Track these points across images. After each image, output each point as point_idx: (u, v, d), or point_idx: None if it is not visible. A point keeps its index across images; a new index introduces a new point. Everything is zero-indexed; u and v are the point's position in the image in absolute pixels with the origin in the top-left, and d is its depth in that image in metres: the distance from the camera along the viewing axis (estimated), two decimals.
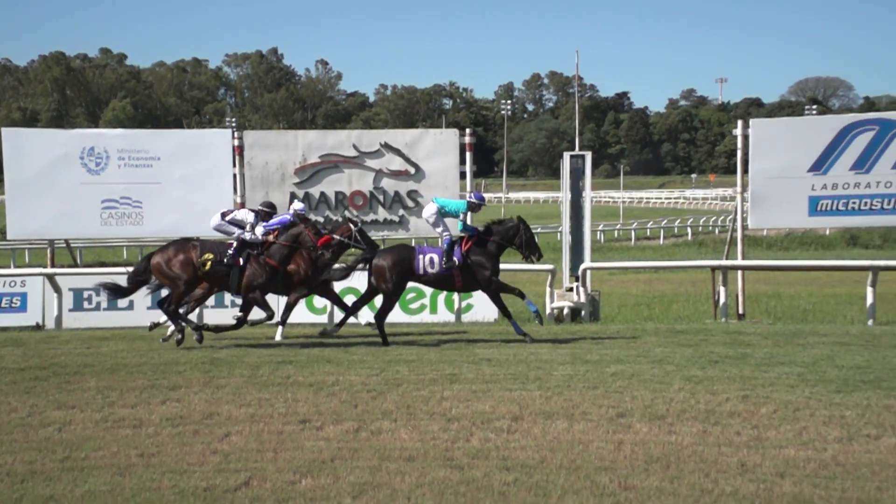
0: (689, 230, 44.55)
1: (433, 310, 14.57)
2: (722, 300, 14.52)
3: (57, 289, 14.40)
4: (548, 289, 14.67)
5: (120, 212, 15.26)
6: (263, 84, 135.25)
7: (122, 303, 14.31)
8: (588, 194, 15.33)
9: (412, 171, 15.34)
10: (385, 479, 5.79)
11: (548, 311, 14.55)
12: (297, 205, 13.04)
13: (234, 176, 15.33)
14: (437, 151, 15.41)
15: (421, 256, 11.94)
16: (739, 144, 15.12)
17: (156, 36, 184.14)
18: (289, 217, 12.33)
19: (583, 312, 14.48)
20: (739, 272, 15.01)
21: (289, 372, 9.46)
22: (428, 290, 14.48)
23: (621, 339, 11.67)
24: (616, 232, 44.14)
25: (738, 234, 15.41)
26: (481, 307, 14.36)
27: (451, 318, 14.41)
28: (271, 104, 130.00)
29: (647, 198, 79.55)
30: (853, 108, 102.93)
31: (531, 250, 12.20)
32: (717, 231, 44.68)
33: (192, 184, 15.13)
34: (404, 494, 5.50)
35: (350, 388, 8.54)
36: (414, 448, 6.48)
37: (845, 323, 14.15)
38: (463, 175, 15.54)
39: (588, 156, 15.76)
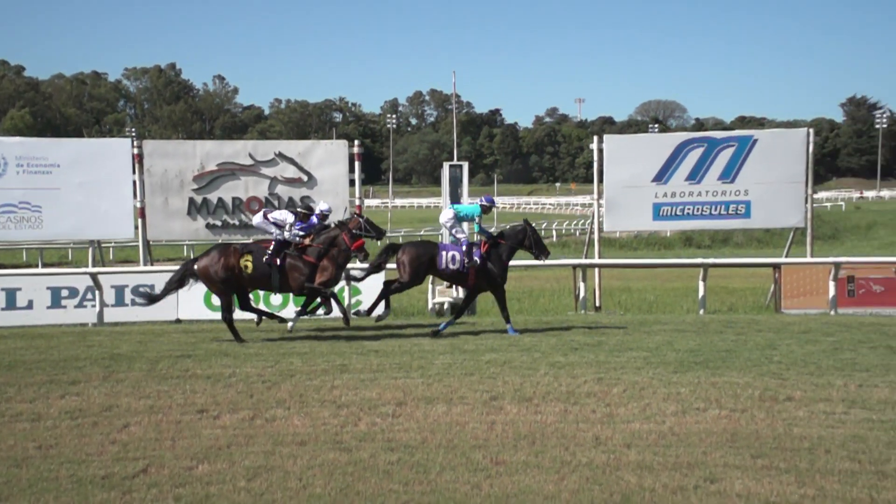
0: (554, 232, 45.45)
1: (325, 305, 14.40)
2: (581, 294, 14.85)
3: None
4: (430, 286, 14.72)
5: (19, 216, 14.54)
6: (162, 97, 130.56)
7: (21, 302, 13.65)
8: (465, 200, 15.46)
9: (305, 178, 15.15)
10: (278, 462, 5.72)
11: (430, 305, 14.62)
12: (323, 205, 12.72)
13: (134, 182, 14.84)
14: (329, 161, 15.28)
15: (444, 253, 11.80)
16: (595, 157, 15.40)
17: (54, 50, 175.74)
18: (314, 219, 12.06)
19: (446, 307, 14.58)
20: (596, 270, 15.38)
21: (187, 365, 9.20)
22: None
23: (495, 331, 11.80)
24: None
25: (596, 236, 15.80)
26: (368, 301, 14.28)
27: (341, 312, 14.28)
28: (170, 115, 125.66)
29: (517, 203, 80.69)
30: (686, 128, 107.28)
31: (539, 250, 12.17)
32: (577, 233, 45.72)
33: (92, 189, 14.61)
34: (296, 476, 5.44)
35: (246, 380, 8.37)
36: (306, 433, 6.41)
37: (682, 313, 14.66)
38: (352, 182, 15.45)
39: (465, 166, 15.89)
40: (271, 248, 11.45)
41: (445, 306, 14.53)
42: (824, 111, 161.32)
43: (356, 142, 15.90)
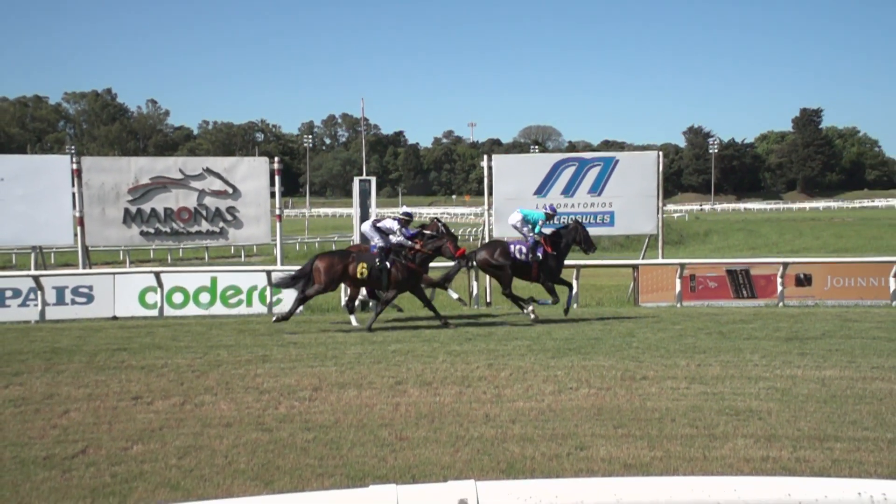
0: None
1: (248, 303, 14.12)
2: (475, 291, 14.97)
3: None
4: (342, 286, 14.56)
5: None
6: (100, 118, 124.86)
7: None
8: (374, 210, 15.39)
9: (230, 191, 14.80)
10: (206, 442, 5.56)
11: (343, 302, 14.46)
12: (404, 208, 12.37)
13: (73, 194, 14.26)
14: (252, 175, 14.97)
15: (512, 246, 11.96)
16: (485, 174, 15.54)
17: None
18: (398, 226, 11.71)
19: (370, 303, 14.50)
20: None
21: (123, 357, 8.84)
22: (245, 287, 14.03)
23: (400, 324, 11.80)
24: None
25: (487, 241, 15.98)
26: (288, 300, 14.05)
27: (264, 310, 14.02)
28: (107, 135, 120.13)
29: (419, 213, 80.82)
30: (561, 149, 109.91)
31: (588, 245, 12.31)
32: (471, 239, 46.14)
33: (34, 201, 14.04)
34: (222, 454, 5.31)
35: (177, 369, 8.11)
36: (231, 416, 6.26)
37: (559, 307, 15.00)
38: (273, 195, 15.19)
39: (373, 180, 15.82)
40: (379, 254, 11.37)
41: (357, 302, 14.41)
42: (670, 137, 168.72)
43: (276, 159, 15.63)
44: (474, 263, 12.46)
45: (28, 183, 14.11)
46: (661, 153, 16.30)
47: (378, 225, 11.77)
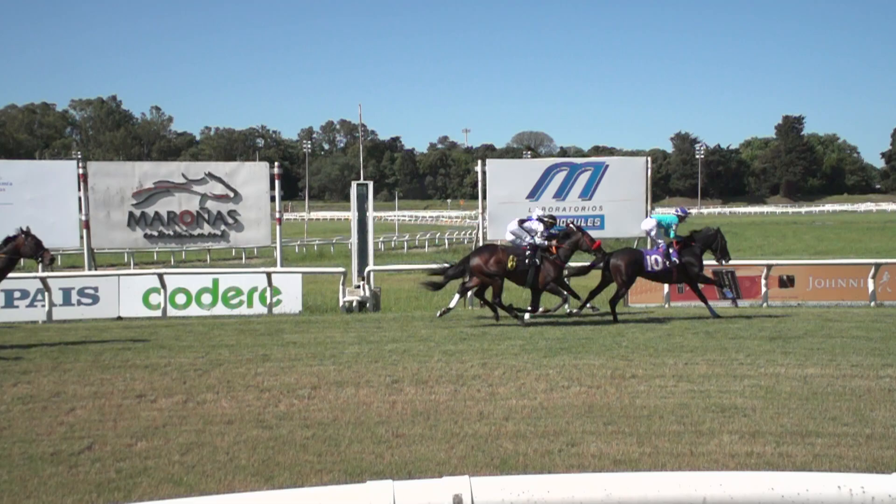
0: (447, 241, 45.72)
1: (249, 304, 14.10)
2: (469, 293, 14.97)
3: None
4: (340, 287, 14.58)
5: None
6: (105, 124, 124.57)
7: None
8: (371, 214, 15.40)
9: (232, 195, 14.79)
10: (208, 439, 5.55)
11: (340, 303, 14.47)
12: (538, 211, 12.36)
13: (80, 198, 14.24)
14: (252, 180, 14.96)
15: (648, 257, 11.72)
16: (480, 178, 15.53)
17: (8, 82, 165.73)
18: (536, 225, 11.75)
19: (367, 304, 14.51)
20: None
21: (128, 356, 8.81)
22: (245, 288, 14.02)
23: (397, 324, 11.77)
24: (392, 242, 44.56)
25: (481, 244, 15.97)
26: (288, 301, 14.07)
27: (264, 310, 14.00)
28: (112, 141, 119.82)
29: (415, 216, 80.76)
30: (553, 155, 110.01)
31: (723, 254, 12.05)
32: (466, 241, 46.09)
33: (41, 205, 14.00)
34: (224, 450, 5.30)
35: (180, 368, 8.09)
36: (232, 414, 6.25)
37: (550, 307, 15.01)
38: (273, 199, 15.20)
39: (370, 185, 15.83)
40: (528, 251, 11.38)
41: (354, 304, 14.41)
42: (658, 143, 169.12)
43: (276, 164, 15.64)
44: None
45: (36, 187, 14.11)
46: (649, 158, 16.35)
47: (524, 225, 11.82)
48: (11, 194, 14.06)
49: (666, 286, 14.45)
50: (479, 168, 15.63)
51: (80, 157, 78.62)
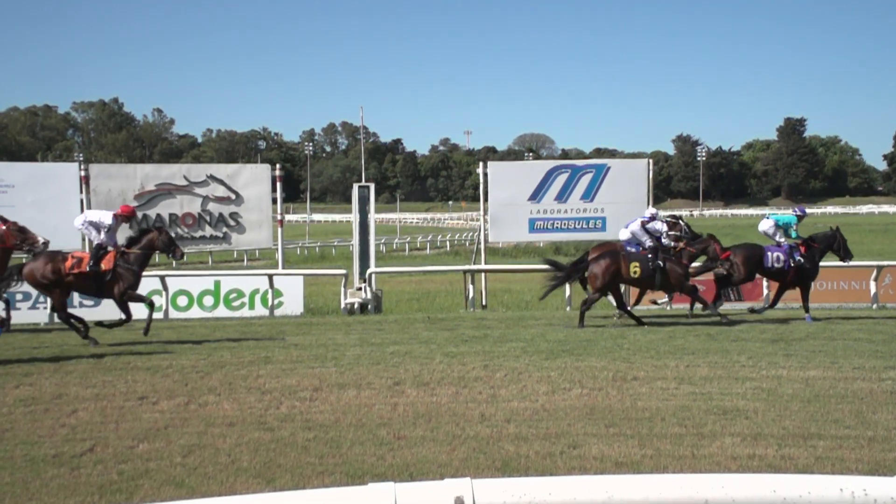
0: (447, 243, 45.69)
1: (251, 306, 14.10)
2: (471, 295, 14.96)
3: None
4: (342, 289, 14.58)
5: None
6: (107, 126, 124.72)
7: None
8: (372, 216, 15.40)
9: (233, 197, 14.78)
10: (210, 441, 5.55)
11: (342, 305, 14.48)
12: (650, 210, 12.35)
13: (82, 201, 14.23)
14: (254, 182, 14.96)
15: (769, 254, 11.62)
16: (481, 180, 15.46)
17: (10, 85, 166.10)
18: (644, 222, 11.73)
19: (369, 306, 14.51)
20: (483, 274, 15.51)
21: (129, 358, 8.83)
22: (247, 290, 14.02)
23: (398, 326, 11.78)
24: (394, 244, 44.60)
25: (482, 246, 15.97)
26: (289, 303, 14.08)
27: (265, 312, 14.00)
28: (114, 143, 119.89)
29: (416, 219, 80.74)
30: (555, 157, 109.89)
31: (846, 253, 11.97)
32: (467, 244, 46.06)
33: (43, 207, 13.94)
34: (226, 452, 5.30)
35: (181, 370, 8.10)
36: (234, 415, 6.25)
37: (552, 310, 14.92)
38: (274, 201, 15.19)
39: (372, 187, 15.82)
40: (649, 255, 11.34)
41: (356, 305, 14.42)
42: (660, 145, 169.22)
43: (278, 166, 15.63)
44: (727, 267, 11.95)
45: (38, 190, 14.10)
46: (650, 160, 16.31)
47: (647, 227, 11.78)
48: (13, 196, 14.05)
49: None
50: (480, 170, 15.59)
51: (81, 159, 78.75)
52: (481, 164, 15.81)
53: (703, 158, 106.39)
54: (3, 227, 9.15)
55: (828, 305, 14.12)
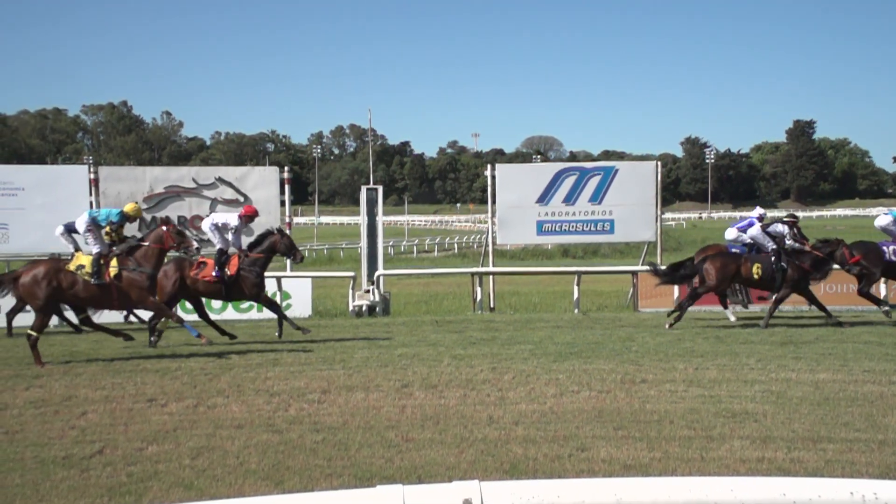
0: (455, 245, 45.68)
1: (259, 308, 14.10)
2: (479, 297, 14.96)
3: None
4: (350, 291, 14.61)
5: None
6: (116, 129, 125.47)
7: None
8: (380, 218, 15.41)
9: (242, 199, 14.80)
10: (218, 443, 5.57)
11: (350, 308, 14.50)
12: (758, 210, 12.39)
13: (91, 203, 14.31)
14: (262, 184, 15.00)
15: (886, 248, 11.69)
16: (489, 183, 15.45)
17: (20, 88, 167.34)
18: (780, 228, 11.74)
19: (377, 308, 14.52)
20: (491, 276, 15.48)
21: (138, 361, 8.87)
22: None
23: (406, 328, 11.79)
24: (402, 247, 44.65)
25: (490, 248, 15.96)
26: (298, 305, 14.11)
27: (274, 315, 13.97)
28: (123, 146, 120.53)
29: (424, 221, 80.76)
30: (563, 159, 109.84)
31: None
32: (475, 246, 45.99)
33: (53, 210, 14.01)
34: (234, 454, 5.31)
35: (190, 372, 8.13)
36: (242, 418, 6.27)
37: (560, 312, 14.91)
38: (283, 203, 15.22)
39: (380, 189, 15.86)
40: (773, 257, 11.38)
41: (364, 308, 14.44)
42: (668, 148, 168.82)
43: (286, 168, 15.66)
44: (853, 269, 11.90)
45: (47, 192, 14.19)
46: (659, 163, 16.29)
47: (768, 230, 11.76)
48: (24, 199, 14.19)
49: (676, 290, 14.40)
50: (488, 173, 15.58)
51: (91, 162, 79.29)
52: (489, 166, 15.81)
53: (712, 161, 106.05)
54: (164, 229, 9.46)
55: (838, 308, 14.05)
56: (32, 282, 8.84)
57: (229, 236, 10.81)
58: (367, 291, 14.67)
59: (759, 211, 12.67)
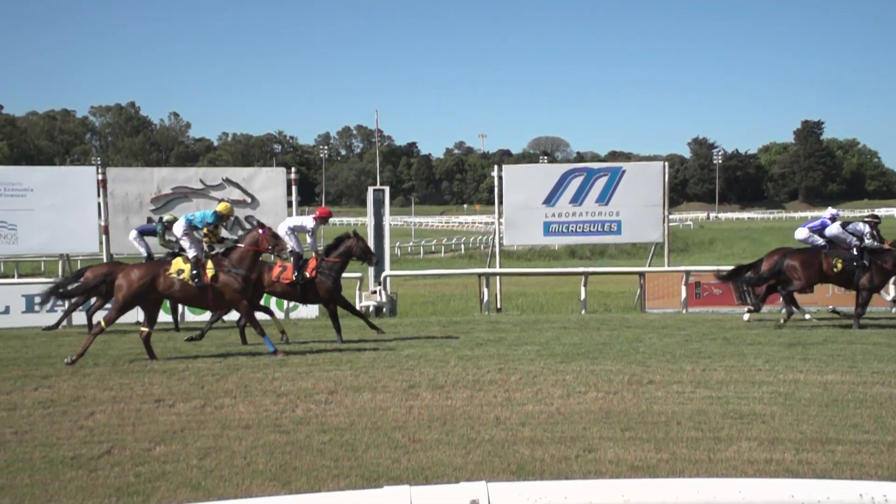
0: (462, 246, 45.65)
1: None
2: (485, 298, 14.96)
3: None
4: (357, 291, 14.62)
5: None
6: (124, 130, 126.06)
7: None
8: (387, 219, 15.44)
9: (249, 200, 14.87)
10: (226, 443, 5.58)
11: (357, 308, 14.48)
12: (830, 210, 12.46)
13: (99, 204, 14.41)
14: (269, 185, 15.05)
15: None
16: (496, 183, 15.46)
17: (29, 89, 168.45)
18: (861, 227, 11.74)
19: (384, 309, 14.53)
20: (498, 277, 15.50)
21: (146, 361, 8.89)
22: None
23: (413, 329, 11.79)
24: (409, 247, 44.66)
25: (497, 249, 15.97)
26: (304, 306, 14.12)
27: (281, 315, 14.01)
28: (131, 147, 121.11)
29: (431, 222, 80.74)
30: (570, 160, 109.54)
31: None
32: (482, 247, 45.97)
33: (62, 210, 14.20)
34: (241, 455, 5.32)
35: (197, 373, 8.15)
36: (250, 418, 6.28)
37: (567, 313, 14.90)
38: (290, 204, 15.24)
39: (387, 190, 15.91)
40: (856, 254, 11.40)
41: (371, 308, 14.44)
42: (675, 148, 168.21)
43: (293, 169, 15.70)
44: None
45: (56, 193, 14.26)
46: (666, 164, 16.25)
47: (849, 228, 11.79)
48: (32, 200, 14.26)
49: (684, 291, 14.38)
50: (495, 173, 15.57)
51: (99, 163, 79.69)
52: (496, 167, 15.81)
53: (720, 161, 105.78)
54: (260, 232, 9.64)
55: (846, 309, 13.98)
56: (129, 283, 9.09)
57: (309, 239, 11.02)
58: (374, 292, 14.68)
59: (831, 211, 12.60)
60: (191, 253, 9.46)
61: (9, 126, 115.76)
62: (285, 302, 13.97)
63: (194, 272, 9.15)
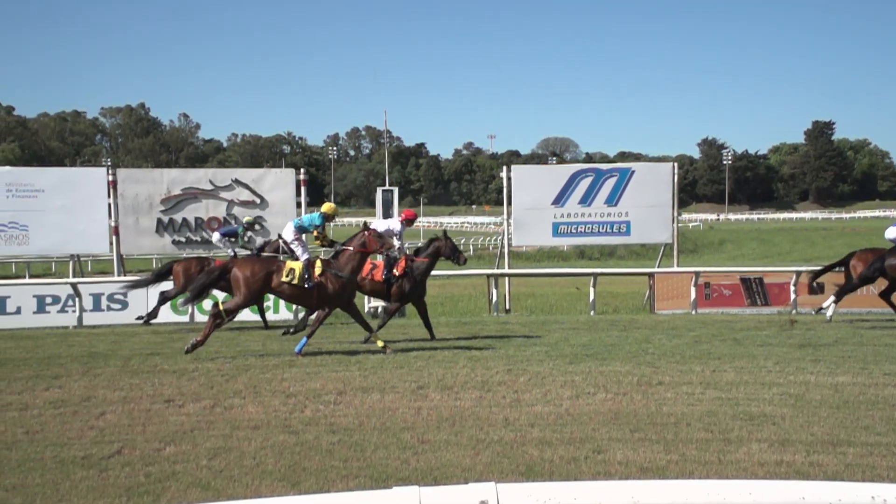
0: (471, 247, 45.63)
1: (275, 310, 14.18)
2: (494, 299, 14.95)
3: None
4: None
5: (8, 234, 14.26)
6: (134, 132, 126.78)
7: (11, 308, 13.09)
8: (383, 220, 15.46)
9: (258, 201, 14.94)
10: (235, 444, 5.60)
11: (366, 308, 14.52)
12: None
13: (109, 205, 14.50)
14: (278, 186, 15.10)
15: None
16: (505, 184, 15.48)
17: (40, 91, 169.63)
18: None
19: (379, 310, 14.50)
20: (507, 278, 15.51)
21: (156, 361, 8.94)
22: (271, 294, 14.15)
23: (422, 330, 11.79)
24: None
25: (506, 250, 15.97)
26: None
27: (290, 316, 14.06)
28: (141, 148, 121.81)
29: (440, 223, 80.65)
30: (578, 161, 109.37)
31: None
32: (490, 247, 45.98)
33: (72, 211, 14.32)
34: (251, 455, 5.34)
35: (207, 374, 8.18)
36: (259, 419, 6.30)
37: (576, 314, 14.86)
38: (299, 205, 15.30)
39: (396, 191, 15.92)
40: None
41: (379, 309, 14.45)
42: (685, 149, 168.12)
43: (302, 170, 15.75)
44: None
45: (67, 194, 14.38)
46: (675, 164, 16.21)
47: None
48: (43, 201, 14.38)
49: (693, 292, 14.33)
50: (504, 174, 15.60)
51: (109, 164, 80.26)
52: (505, 167, 15.82)
53: (729, 162, 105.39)
54: (367, 233, 9.90)
55: (857, 310, 13.90)
56: (246, 277, 9.40)
57: (396, 242, 11.24)
58: None
59: None
60: (303, 256, 9.76)
61: (20, 127, 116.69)
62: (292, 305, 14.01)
63: (305, 275, 9.44)
